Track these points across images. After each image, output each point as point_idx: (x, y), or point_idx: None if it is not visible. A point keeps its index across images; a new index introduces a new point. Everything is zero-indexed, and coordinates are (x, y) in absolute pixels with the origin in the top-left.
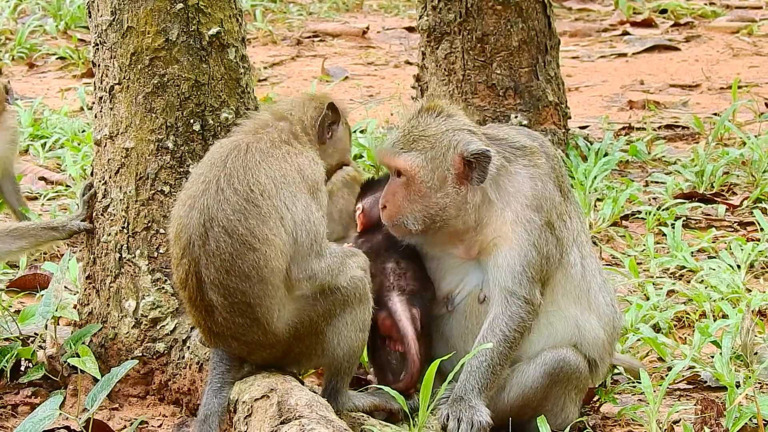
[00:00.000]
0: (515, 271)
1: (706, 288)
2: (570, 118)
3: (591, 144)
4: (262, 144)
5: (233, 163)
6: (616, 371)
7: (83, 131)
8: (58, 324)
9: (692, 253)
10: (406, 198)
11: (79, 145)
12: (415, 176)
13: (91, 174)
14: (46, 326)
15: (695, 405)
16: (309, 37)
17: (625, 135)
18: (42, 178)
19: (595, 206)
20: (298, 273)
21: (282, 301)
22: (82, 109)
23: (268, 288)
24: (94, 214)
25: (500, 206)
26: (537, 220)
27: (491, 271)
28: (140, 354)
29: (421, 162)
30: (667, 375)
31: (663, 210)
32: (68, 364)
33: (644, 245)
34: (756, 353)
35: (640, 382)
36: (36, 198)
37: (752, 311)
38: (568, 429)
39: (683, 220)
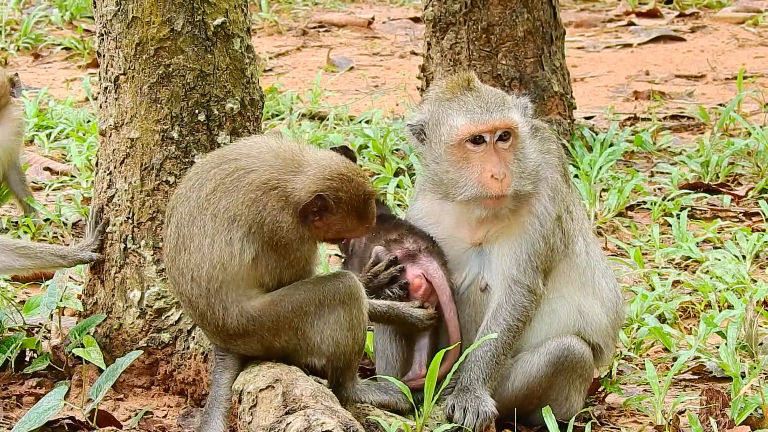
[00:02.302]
0: (521, 259)
1: (711, 278)
2: (575, 108)
3: (596, 134)
4: (252, 176)
5: (219, 171)
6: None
7: (88, 121)
8: (63, 314)
9: (697, 243)
10: (515, 159)
11: (84, 135)
12: (521, 131)
13: (96, 164)
14: (51, 316)
15: (700, 395)
16: (314, 27)
17: (630, 125)
18: (47, 169)
19: (601, 196)
20: (233, 307)
21: (224, 301)
22: (87, 99)
23: (201, 289)
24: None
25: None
26: (553, 212)
27: (495, 258)
28: (145, 344)
29: (521, 117)
30: (672, 365)
31: (668, 200)
32: (73, 354)
33: (649, 235)
34: (761, 343)
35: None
36: (41, 188)
37: (757, 302)
38: (573, 419)
39: (688, 211)
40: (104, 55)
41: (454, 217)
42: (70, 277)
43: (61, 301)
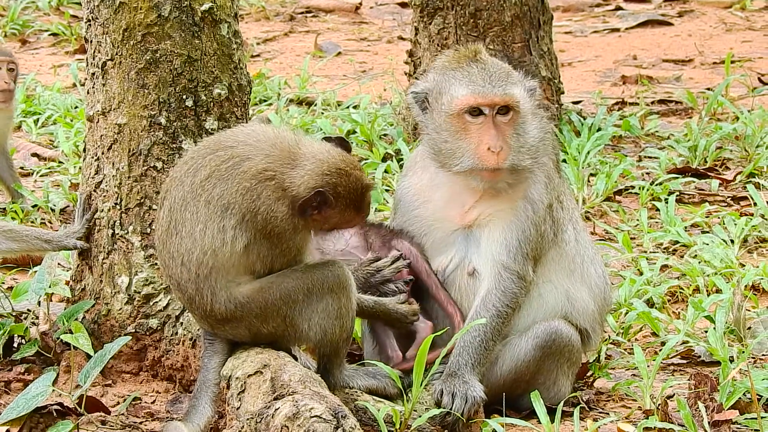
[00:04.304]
0: (511, 245)
1: (699, 263)
2: (563, 93)
3: (584, 119)
4: (247, 165)
5: (215, 158)
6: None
7: (76, 107)
8: (51, 300)
9: (686, 227)
10: (514, 134)
11: (71, 121)
12: (522, 108)
13: (84, 150)
14: (39, 303)
15: (689, 380)
16: (302, 12)
17: (618, 110)
18: (35, 155)
19: (589, 181)
20: (221, 293)
21: (213, 286)
22: (74, 85)
23: (191, 274)
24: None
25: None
26: (546, 200)
27: (485, 242)
28: (133, 330)
29: (524, 93)
30: (660, 350)
31: (656, 185)
32: (61, 340)
33: (638, 220)
34: (749, 328)
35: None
36: (29, 174)
37: (745, 286)
38: (561, 404)
39: (676, 195)
40: (91, 41)
41: (446, 196)
42: (58, 264)
43: (49, 287)
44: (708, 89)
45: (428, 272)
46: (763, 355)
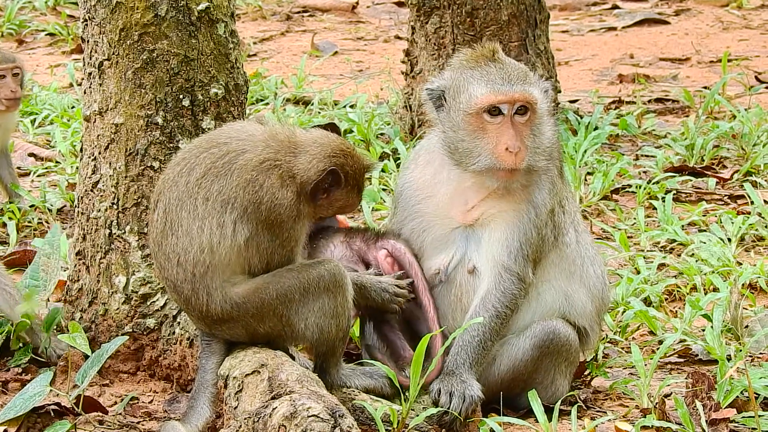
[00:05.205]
0: (512, 246)
1: (696, 261)
2: (560, 92)
3: (581, 118)
4: (246, 157)
5: (209, 155)
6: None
7: (72, 107)
8: (49, 300)
9: (683, 226)
10: (531, 134)
11: (68, 121)
12: (540, 108)
13: (81, 149)
14: None
15: (686, 378)
16: (298, 12)
17: (615, 109)
18: (32, 155)
19: (586, 180)
20: (217, 293)
21: (208, 286)
22: (71, 85)
23: (187, 274)
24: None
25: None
26: (549, 205)
27: (486, 242)
28: (130, 330)
29: (541, 94)
30: (658, 349)
31: (653, 183)
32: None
33: (635, 219)
34: (746, 326)
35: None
36: (26, 174)
37: (742, 284)
38: (559, 402)
39: (674, 194)
40: (88, 41)
41: (449, 193)
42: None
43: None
44: (705, 88)
45: (411, 263)
46: (760, 353)
